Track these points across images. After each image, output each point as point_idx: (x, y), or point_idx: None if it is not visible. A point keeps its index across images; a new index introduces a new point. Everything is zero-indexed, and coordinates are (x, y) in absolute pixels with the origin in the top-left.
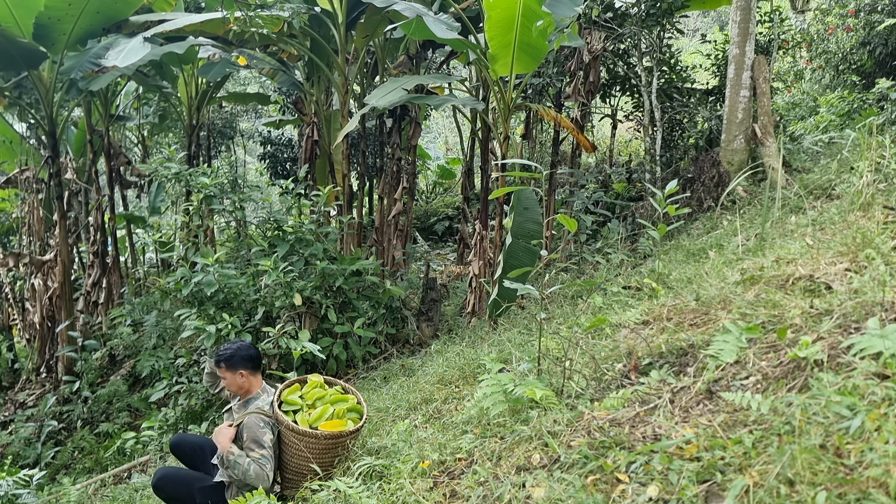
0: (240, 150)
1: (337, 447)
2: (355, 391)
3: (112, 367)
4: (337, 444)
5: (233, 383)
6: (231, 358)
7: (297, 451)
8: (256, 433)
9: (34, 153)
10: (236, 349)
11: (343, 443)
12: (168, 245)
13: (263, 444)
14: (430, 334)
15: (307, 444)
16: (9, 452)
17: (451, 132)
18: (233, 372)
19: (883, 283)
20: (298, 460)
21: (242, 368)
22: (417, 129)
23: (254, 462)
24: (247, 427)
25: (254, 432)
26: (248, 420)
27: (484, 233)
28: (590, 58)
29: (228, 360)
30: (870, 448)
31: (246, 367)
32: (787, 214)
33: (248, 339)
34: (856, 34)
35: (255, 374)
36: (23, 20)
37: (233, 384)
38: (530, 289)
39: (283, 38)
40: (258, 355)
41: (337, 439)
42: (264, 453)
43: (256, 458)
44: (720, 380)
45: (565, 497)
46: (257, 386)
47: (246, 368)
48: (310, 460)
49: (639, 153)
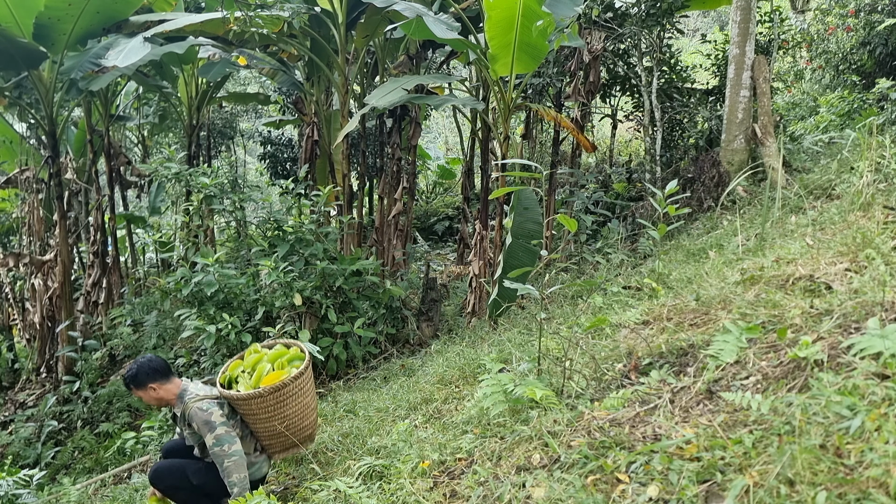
0: (240, 150)
1: (292, 397)
2: (298, 342)
3: (112, 367)
4: (287, 395)
5: (150, 398)
6: (135, 378)
7: (256, 417)
8: (202, 417)
9: (34, 153)
10: (137, 368)
11: (293, 390)
12: (168, 245)
13: (214, 424)
14: (430, 334)
15: (258, 406)
16: (9, 452)
17: (451, 132)
18: (144, 389)
19: (883, 283)
20: (264, 424)
21: (151, 382)
22: (417, 129)
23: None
24: (193, 418)
25: (200, 417)
26: (190, 411)
27: (484, 233)
28: (590, 58)
29: (133, 380)
30: (870, 448)
31: (154, 380)
32: (787, 214)
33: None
34: (856, 34)
35: (166, 380)
36: (23, 20)
37: (151, 399)
38: (530, 289)
39: (283, 38)
40: (162, 364)
41: (282, 389)
42: (219, 433)
43: (219, 451)
44: (720, 380)
45: (565, 497)
46: (176, 389)
47: (154, 381)
48: (272, 419)
49: (639, 153)
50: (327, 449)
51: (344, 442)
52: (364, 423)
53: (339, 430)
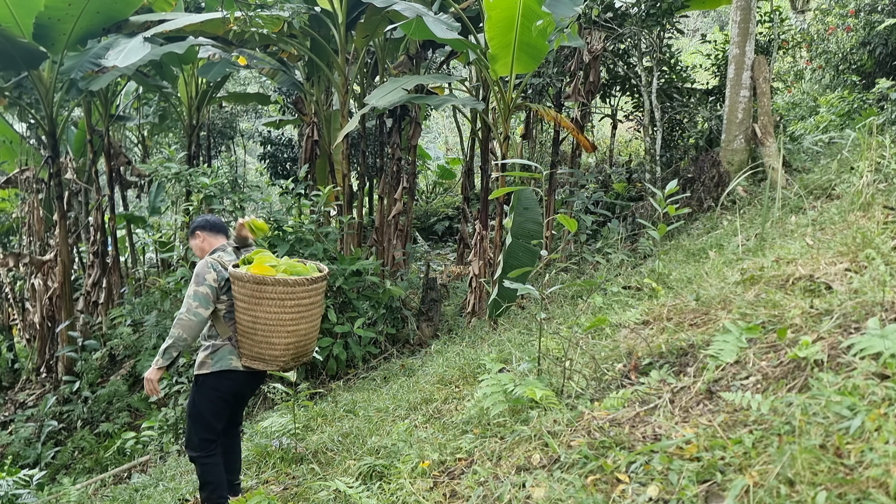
0: (240, 150)
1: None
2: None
3: (112, 367)
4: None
5: (195, 247)
6: (193, 223)
7: (236, 302)
8: (199, 267)
9: (34, 153)
10: (197, 219)
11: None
12: (168, 245)
13: (202, 280)
14: (430, 334)
15: (237, 290)
16: (9, 452)
17: (451, 132)
18: (192, 237)
19: (883, 283)
20: (240, 315)
21: (199, 230)
22: (417, 129)
23: (184, 312)
24: (197, 267)
25: (198, 267)
26: (200, 261)
27: (484, 233)
28: (590, 58)
29: (190, 229)
30: (870, 448)
31: (202, 230)
32: (787, 214)
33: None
34: (856, 34)
35: (213, 235)
36: (23, 20)
37: (195, 248)
38: (530, 289)
39: (283, 38)
40: (216, 221)
41: (261, 284)
42: (199, 290)
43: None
44: (720, 380)
45: (565, 497)
46: (215, 245)
47: (203, 230)
48: (246, 312)
49: (639, 153)
50: (327, 449)
51: (344, 442)
52: (364, 423)
53: (339, 430)
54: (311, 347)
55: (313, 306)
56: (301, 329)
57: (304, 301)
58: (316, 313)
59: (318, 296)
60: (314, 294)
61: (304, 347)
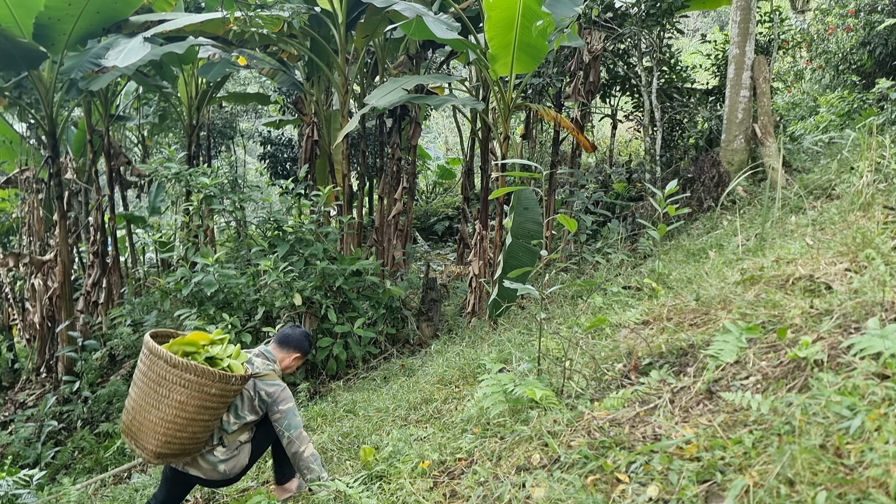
0: (240, 150)
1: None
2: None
3: (112, 367)
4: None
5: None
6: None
7: None
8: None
9: (34, 153)
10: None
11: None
12: (168, 245)
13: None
14: (430, 334)
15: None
16: (9, 452)
17: (451, 132)
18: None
19: (883, 283)
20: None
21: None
22: (417, 129)
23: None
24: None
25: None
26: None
27: (484, 233)
28: (590, 58)
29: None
30: (870, 448)
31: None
32: (787, 214)
33: (248, 339)
34: (856, 34)
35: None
36: (23, 20)
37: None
38: (530, 289)
39: (283, 38)
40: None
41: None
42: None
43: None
44: (720, 380)
45: (565, 497)
46: None
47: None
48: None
49: (639, 153)
50: (327, 449)
51: (344, 442)
52: (364, 423)
53: (339, 430)
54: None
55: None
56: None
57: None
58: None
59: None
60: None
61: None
